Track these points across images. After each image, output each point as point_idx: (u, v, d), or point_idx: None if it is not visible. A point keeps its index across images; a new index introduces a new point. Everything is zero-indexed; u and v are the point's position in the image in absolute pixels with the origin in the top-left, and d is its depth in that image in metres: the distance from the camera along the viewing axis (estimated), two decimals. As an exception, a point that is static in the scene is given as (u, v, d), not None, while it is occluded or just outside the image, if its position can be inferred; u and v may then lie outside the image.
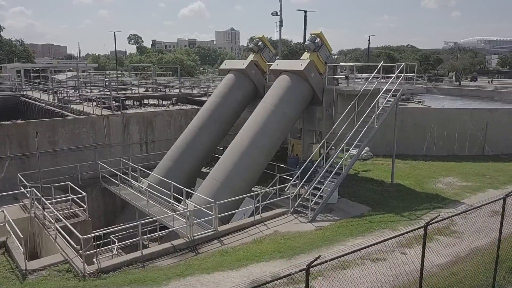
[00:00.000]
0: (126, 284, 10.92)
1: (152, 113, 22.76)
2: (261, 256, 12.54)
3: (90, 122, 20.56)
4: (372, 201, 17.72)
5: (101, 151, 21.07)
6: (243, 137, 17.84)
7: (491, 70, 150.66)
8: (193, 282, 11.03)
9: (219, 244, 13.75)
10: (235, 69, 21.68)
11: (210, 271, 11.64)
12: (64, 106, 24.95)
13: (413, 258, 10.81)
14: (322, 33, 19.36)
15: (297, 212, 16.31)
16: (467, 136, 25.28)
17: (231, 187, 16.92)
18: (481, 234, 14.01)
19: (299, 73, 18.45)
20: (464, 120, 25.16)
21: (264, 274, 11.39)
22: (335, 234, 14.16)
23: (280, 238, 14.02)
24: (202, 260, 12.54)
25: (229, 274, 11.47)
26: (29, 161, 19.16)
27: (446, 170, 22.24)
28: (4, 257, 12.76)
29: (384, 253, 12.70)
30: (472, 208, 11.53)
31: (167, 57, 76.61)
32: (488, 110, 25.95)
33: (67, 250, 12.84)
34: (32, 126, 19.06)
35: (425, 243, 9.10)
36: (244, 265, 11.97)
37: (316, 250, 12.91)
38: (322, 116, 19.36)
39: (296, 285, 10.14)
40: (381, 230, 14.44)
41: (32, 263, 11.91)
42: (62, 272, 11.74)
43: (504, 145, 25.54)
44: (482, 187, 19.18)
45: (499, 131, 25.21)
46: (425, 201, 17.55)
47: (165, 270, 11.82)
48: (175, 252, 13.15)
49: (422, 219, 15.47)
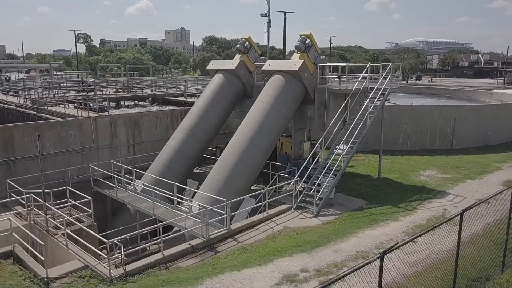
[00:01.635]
0: (160, 286, 10.88)
1: (139, 114, 22.34)
2: (282, 251, 12.90)
3: (77, 125, 19.86)
4: (366, 194, 18.61)
5: (89, 154, 20.41)
6: (242, 136, 18.06)
7: (433, 70, 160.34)
8: (226, 279, 11.20)
9: (234, 242, 13.93)
10: (224, 69, 21.82)
11: (238, 268, 11.84)
12: (40, 108, 23.83)
13: (423, 246, 11.88)
14: (311, 34, 20.00)
15: (300, 208, 16.82)
16: (437, 132, 27.06)
17: (234, 186, 17.13)
18: (474, 221, 15.24)
19: (293, 73, 18.97)
20: (434, 117, 26.90)
21: (293, 268, 11.77)
22: (344, 227, 14.81)
23: (293, 233, 14.44)
24: (225, 258, 12.68)
25: (258, 270, 11.73)
26: (15, 167, 18.22)
27: (424, 164, 23.73)
28: (16, 266, 12.21)
29: (395, 242, 13.46)
30: (486, 198, 12.60)
31: (126, 56, 74.46)
32: (455, 107, 27.93)
33: (83, 256, 12.50)
34: (18, 129, 18.13)
35: (460, 229, 9.89)
36: (269, 260, 12.28)
37: (332, 242, 13.46)
38: (314, 114, 20.01)
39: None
40: (385, 221, 15.28)
41: (52, 271, 11.49)
42: (86, 278, 11.44)
43: (469, 139, 27.60)
44: (461, 178, 20.71)
45: (465, 126, 27.21)
46: (414, 192, 18.69)
47: (192, 270, 11.87)
48: (194, 252, 13.18)
49: (418, 209, 16.53)
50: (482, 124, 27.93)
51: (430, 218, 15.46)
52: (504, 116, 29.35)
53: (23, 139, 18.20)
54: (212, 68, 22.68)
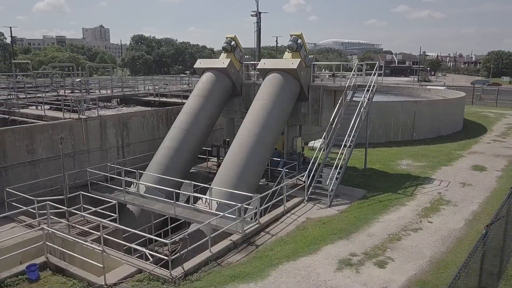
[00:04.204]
0: (229, 281, 11.03)
1: (127, 115, 21.56)
2: (323, 239, 13.61)
3: (68, 127, 18.73)
4: (362, 184, 19.93)
5: (80, 158, 19.34)
6: (249, 133, 18.39)
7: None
8: (289, 269, 11.67)
9: (268, 235, 14.32)
10: (215, 67, 21.91)
11: (293, 258, 12.34)
12: (10, 111, 21.93)
13: (437, 226, 13.60)
14: (302, 34, 20.92)
15: (312, 200, 17.63)
16: (400, 125, 29.52)
17: (246, 182, 17.46)
18: (469, 201, 17.27)
19: (291, 71, 19.72)
20: (397, 111, 29.31)
21: (342, 254, 12.56)
22: (364, 214, 15.90)
23: (319, 223, 15.19)
24: (271, 250, 13.04)
25: (313, 258, 12.34)
26: (7, 174, 16.76)
27: (396, 154, 25.84)
28: (60, 277, 11.51)
29: (416, 224, 14.89)
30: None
31: (61, 56, 69.36)
32: (414, 102, 30.67)
33: (129, 260, 12.13)
34: (9, 133, 16.69)
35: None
36: (317, 249, 12.93)
37: (361, 229, 14.47)
38: (308, 111, 20.95)
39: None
40: (394, 207, 16.65)
41: (108, 278, 11.05)
42: (144, 281, 11.19)
43: (426, 131, 30.47)
44: (435, 165, 22.99)
45: (422, 119, 29.99)
46: (403, 180, 20.43)
47: (248, 264, 12.10)
48: (236, 248, 13.38)
49: (416, 194, 18.17)
50: (435, 117, 30.99)
51: (431, 201, 17.14)
52: (452, 110, 32.86)
53: (15, 144, 16.81)
54: (200, 67, 22.60)
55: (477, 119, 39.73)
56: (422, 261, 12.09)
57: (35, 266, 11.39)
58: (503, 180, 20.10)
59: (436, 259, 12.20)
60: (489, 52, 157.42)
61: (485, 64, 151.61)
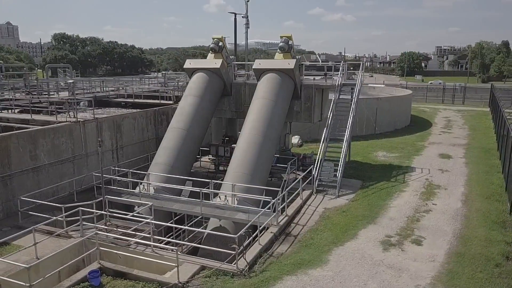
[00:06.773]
0: (297, 269, 11.69)
1: (120, 117, 20.90)
2: (354, 226, 14.77)
3: (68, 131, 17.82)
4: (355, 175, 21.45)
5: (79, 162, 18.48)
6: (256, 131, 18.95)
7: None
8: (344, 254, 12.63)
9: (299, 226, 15.15)
10: (206, 68, 22.10)
11: (338, 244, 13.32)
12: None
13: (442, 207, 15.61)
14: (291, 36, 22.01)
15: (319, 192, 18.74)
16: (364, 120, 31.84)
17: (259, 177, 18.05)
18: (455, 185, 19.53)
19: (288, 71, 20.66)
20: (362, 107, 31.54)
21: (378, 236, 13.81)
22: (374, 201, 17.35)
23: (339, 212, 16.34)
24: (311, 239, 13.85)
25: (356, 242, 13.44)
26: (11, 183, 15.60)
27: (368, 147, 27.95)
28: (124, 281, 11.28)
29: (424, 206, 16.62)
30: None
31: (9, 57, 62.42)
32: (376, 98, 33.19)
33: (187, 258, 12.25)
34: (14, 138, 15.55)
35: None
36: (354, 234, 14.05)
37: (380, 214, 15.89)
38: (300, 108, 22.03)
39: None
40: (396, 193, 18.34)
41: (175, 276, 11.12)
42: (212, 277, 11.45)
43: (385, 125, 33.20)
44: (409, 155, 25.38)
45: (382, 115, 32.64)
46: (389, 169, 22.38)
47: (300, 253, 12.79)
48: (277, 239, 14.02)
49: (407, 181, 20.07)
50: (392, 112, 33.88)
51: (425, 187, 19.15)
52: (404, 106, 36.11)
53: (19, 149, 15.71)
54: (190, 67, 22.64)
55: (418, 113, 43.84)
56: (448, 237, 13.74)
57: (97, 273, 11.07)
58: (471, 165, 22.90)
59: (458, 234, 13.93)
60: (402, 53, 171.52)
61: (400, 64, 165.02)
